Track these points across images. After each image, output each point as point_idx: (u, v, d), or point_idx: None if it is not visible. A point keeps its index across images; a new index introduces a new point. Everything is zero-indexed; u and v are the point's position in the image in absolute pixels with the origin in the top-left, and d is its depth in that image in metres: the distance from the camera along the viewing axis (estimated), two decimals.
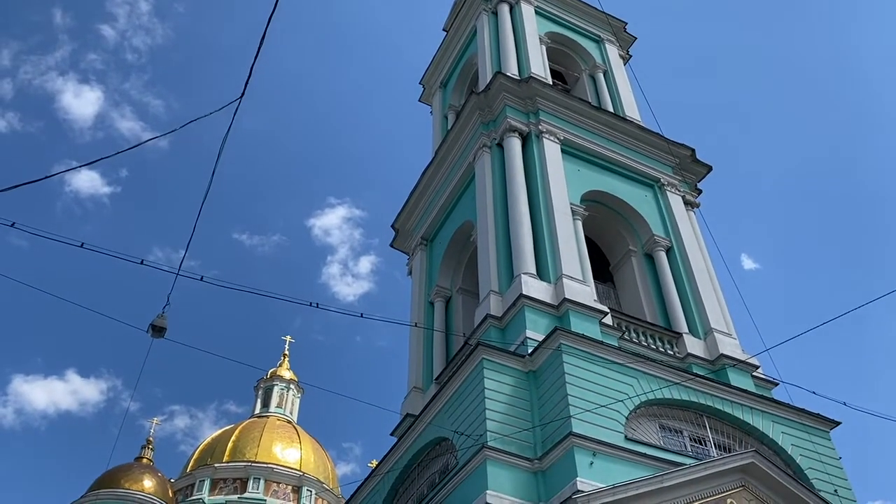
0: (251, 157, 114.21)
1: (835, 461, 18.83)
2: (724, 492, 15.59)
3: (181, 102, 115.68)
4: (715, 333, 21.01)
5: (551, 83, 27.67)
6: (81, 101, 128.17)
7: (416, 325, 24.77)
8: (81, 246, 11.44)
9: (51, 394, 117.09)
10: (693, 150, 26.93)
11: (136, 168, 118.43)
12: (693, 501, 15.05)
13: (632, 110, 28.65)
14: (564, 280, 19.82)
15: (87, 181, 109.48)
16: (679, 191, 25.87)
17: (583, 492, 13.86)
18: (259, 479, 47.47)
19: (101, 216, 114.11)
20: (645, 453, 16.10)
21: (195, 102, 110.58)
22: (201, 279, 13.09)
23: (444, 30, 36.39)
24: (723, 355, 20.35)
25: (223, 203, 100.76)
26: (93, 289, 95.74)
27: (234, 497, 46.31)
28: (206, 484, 47.45)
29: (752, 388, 19.83)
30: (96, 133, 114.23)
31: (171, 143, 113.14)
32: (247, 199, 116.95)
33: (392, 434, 22.58)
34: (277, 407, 56.07)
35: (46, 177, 11.11)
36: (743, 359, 20.53)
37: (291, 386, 57.81)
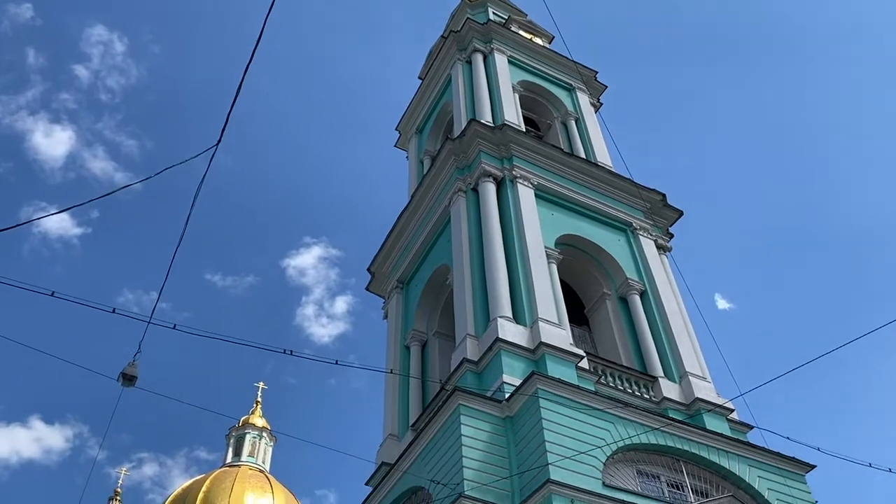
0: (225, 197, 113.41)
1: None
2: None
3: (155, 142, 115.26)
4: (690, 377, 21.11)
5: (524, 130, 28.16)
6: (52, 141, 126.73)
7: (391, 372, 24.57)
8: (52, 294, 11.27)
9: (13, 442, 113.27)
10: (664, 195, 27.41)
11: (108, 209, 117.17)
12: None
13: (603, 156, 29.18)
14: (540, 323, 19.87)
15: (56, 223, 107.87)
16: (651, 235, 26.23)
17: None
18: None
19: (70, 258, 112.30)
20: (623, 500, 15.96)
21: (169, 142, 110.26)
22: (174, 327, 12.90)
23: (419, 77, 36.98)
24: (698, 399, 20.41)
25: (196, 243, 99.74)
26: (62, 334, 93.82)
27: None
28: None
29: (728, 432, 19.87)
30: (67, 173, 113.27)
31: (144, 185, 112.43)
32: (220, 239, 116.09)
33: (367, 483, 22.19)
34: (249, 456, 54.87)
35: (16, 225, 10.95)
36: (718, 403, 20.60)
37: (264, 434, 56.72)
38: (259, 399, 59.81)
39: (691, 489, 17.71)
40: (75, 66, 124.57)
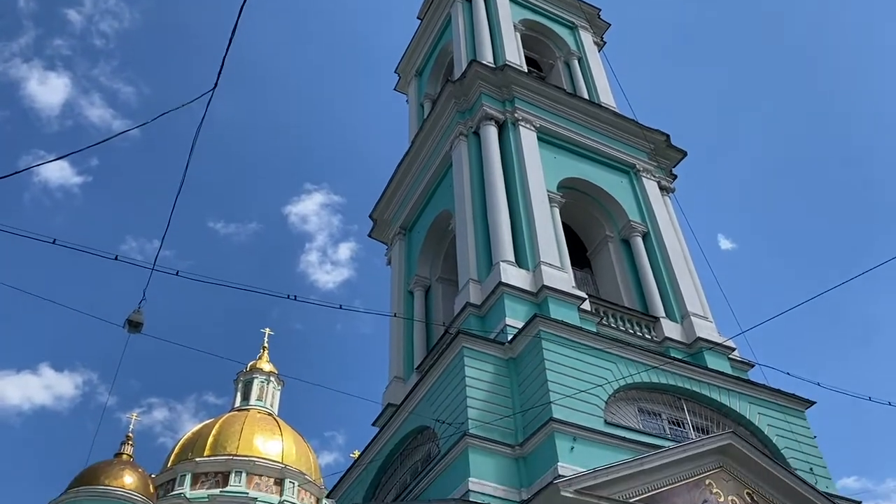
0: (225, 144, 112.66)
1: (810, 440, 19.19)
2: (702, 473, 15.83)
3: (152, 88, 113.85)
4: (691, 317, 21.28)
5: (526, 71, 27.70)
6: (48, 89, 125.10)
7: (395, 316, 24.79)
8: (54, 242, 11.29)
9: (24, 389, 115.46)
10: (668, 136, 27.13)
11: (107, 157, 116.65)
12: (672, 483, 15.26)
13: (606, 97, 28.79)
14: (543, 267, 19.93)
15: (56, 171, 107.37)
16: (654, 176, 26.07)
17: (563, 476, 14.00)
18: (241, 472, 47.29)
19: (71, 207, 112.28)
20: (624, 437, 16.30)
21: (166, 88, 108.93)
22: (177, 274, 12.97)
23: (418, 18, 36.24)
24: (699, 338, 20.61)
25: (197, 191, 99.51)
26: (65, 283, 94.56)
27: (216, 491, 46.10)
28: (188, 479, 47.18)
29: (729, 371, 20.13)
30: (64, 121, 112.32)
31: (142, 132, 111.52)
32: (221, 186, 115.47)
33: (374, 424, 22.64)
34: (258, 400, 55.81)
35: (15, 172, 10.89)
36: (719, 342, 20.81)
37: (271, 378, 57.58)
38: (266, 345, 60.53)
39: (692, 426, 18.04)
40: (67, 10, 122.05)
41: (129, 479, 42.77)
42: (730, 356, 20.91)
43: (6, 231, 10.81)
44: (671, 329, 20.94)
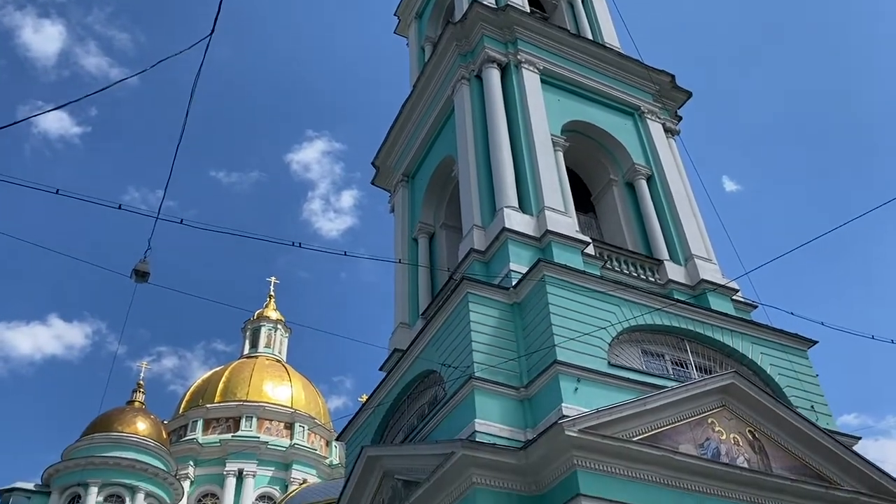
0: (224, 92, 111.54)
1: (812, 378, 19.44)
2: (705, 412, 16.09)
3: (148, 36, 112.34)
4: (695, 259, 21.31)
5: (529, 11, 27.11)
6: (43, 38, 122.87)
7: (399, 262, 24.87)
8: (57, 193, 11.27)
9: (35, 339, 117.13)
10: (673, 77, 26.71)
11: (106, 107, 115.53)
12: (675, 422, 15.53)
13: (611, 37, 28.24)
14: (546, 212, 19.90)
15: (55, 122, 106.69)
16: (659, 118, 25.77)
17: (568, 416, 14.25)
18: (252, 417, 48.30)
19: (72, 158, 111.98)
20: (628, 378, 16.53)
21: (163, 35, 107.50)
22: (181, 222, 12.97)
23: None
24: (703, 280, 20.69)
25: (198, 140, 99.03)
26: (70, 234, 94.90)
27: (228, 436, 47.17)
28: (199, 424, 48.22)
29: (732, 312, 20.26)
30: (61, 71, 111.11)
31: (140, 80, 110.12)
32: (222, 134, 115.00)
33: (381, 369, 22.95)
34: (266, 347, 56.59)
35: (14, 122, 10.81)
36: (723, 283, 20.89)
37: (278, 326, 58.25)
38: (272, 293, 61.09)
39: (695, 366, 18.27)
40: None
41: (141, 426, 43.72)
42: (733, 297, 21.02)
43: (9, 181, 10.79)
44: (675, 271, 21.01)
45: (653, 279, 20.81)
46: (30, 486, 41.60)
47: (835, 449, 16.71)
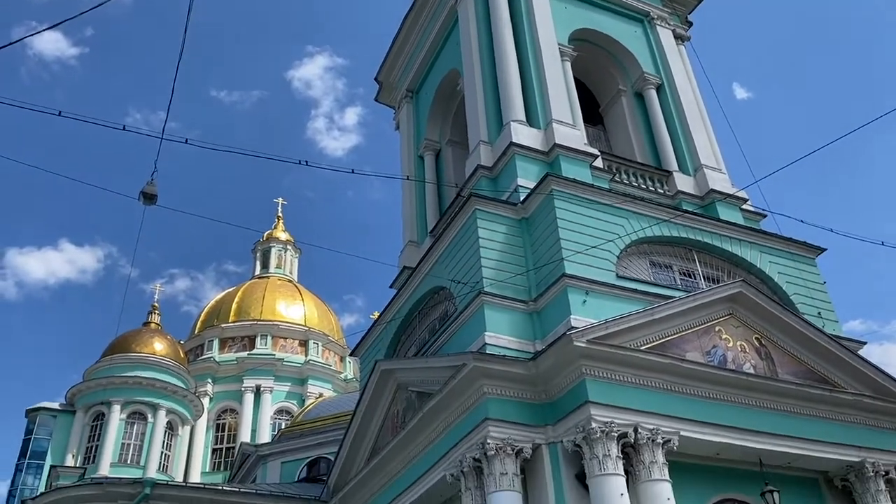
0: (221, 7, 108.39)
1: (819, 286, 19.57)
2: (712, 320, 16.31)
3: None
4: (705, 169, 21.11)
5: None
6: None
7: (407, 178, 24.75)
8: (59, 115, 11.12)
9: (48, 264, 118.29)
10: None
11: (102, 26, 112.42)
12: (682, 331, 15.77)
13: None
14: (554, 125, 19.61)
15: (50, 43, 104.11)
16: (669, 24, 25.01)
17: (576, 328, 14.47)
18: (266, 335, 49.28)
19: (71, 80, 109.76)
20: (636, 289, 16.68)
21: None
22: (186, 142, 12.87)
23: None
24: (712, 190, 20.56)
25: (197, 58, 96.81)
26: (73, 158, 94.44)
27: (244, 354, 48.30)
28: (215, 343, 49.31)
29: (741, 221, 20.22)
30: None
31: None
32: (221, 52, 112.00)
33: (391, 286, 23.21)
34: (277, 268, 57.15)
35: (9, 44, 10.56)
36: (731, 193, 20.77)
37: (288, 247, 58.65)
38: (280, 214, 61.21)
39: (703, 276, 18.39)
40: None
41: (159, 346, 44.71)
42: (742, 207, 20.94)
43: (10, 104, 10.64)
44: (684, 182, 20.86)
45: (661, 191, 20.69)
46: (55, 405, 43.07)
47: (840, 353, 16.99)
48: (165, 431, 42.48)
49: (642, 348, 14.94)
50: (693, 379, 15.05)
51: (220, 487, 22.20)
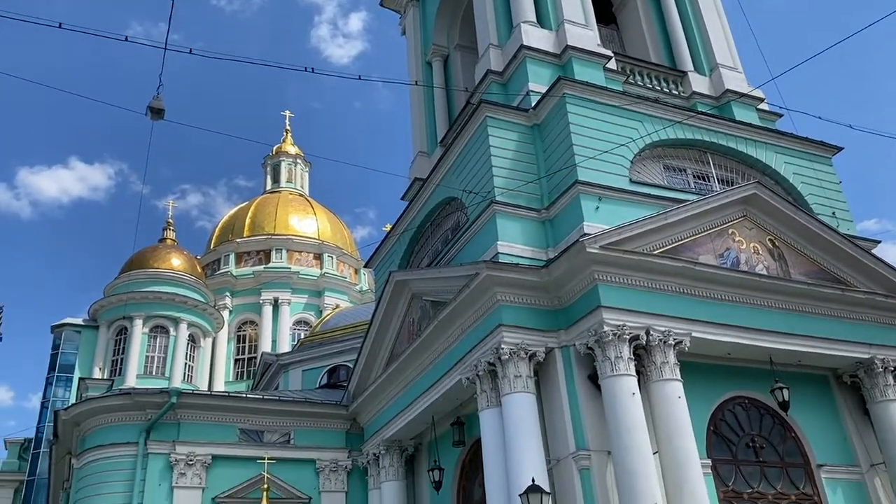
0: None
1: (835, 185, 19.36)
2: (725, 223, 16.25)
3: None
4: (720, 69, 20.56)
5: None
6: None
7: (416, 84, 24.27)
8: (59, 27, 10.86)
9: (59, 182, 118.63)
10: None
11: None
12: (695, 235, 15.74)
13: None
14: (566, 26, 19.01)
15: None
16: None
17: (589, 234, 14.48)
18: (281, 249, 49.76)
19: None
20: (649, 194, 16.56)
21: None
22: (189, 52, 12.58)
23: None
24: (728, 90, 20.09)
25: None
26: (75, 74, 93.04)
27: (260, 267, 48.95)
28: (231, 258, 49.91)
29: (757, 122, 19.85)
30: None
31: None
32: None
33: (403, 198, 23.19)
34: (288, 182, 57.06)
35: None
36: (747, 92, 20.27)
37: (298, 161, 58.35)
38: (288, 127, 60.58)
39: (717, 179, 18.20)
40: None
41: (176, 262, 45.36)
42: (758, 107, 20.50)
43: (8, 17, 10.39)
44: (699, 83, 20.36)
45: (676, 92, 20.23)
46: (78, 321, 44.22)
47: (853, 253, 16.98)
48: (188, 344, 43.65)
49: (655, 253, 14.98)
50: (705, 281, 15.14)
51: (245, 395, 22.96)
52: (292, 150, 58.90)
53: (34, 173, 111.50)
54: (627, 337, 13.86)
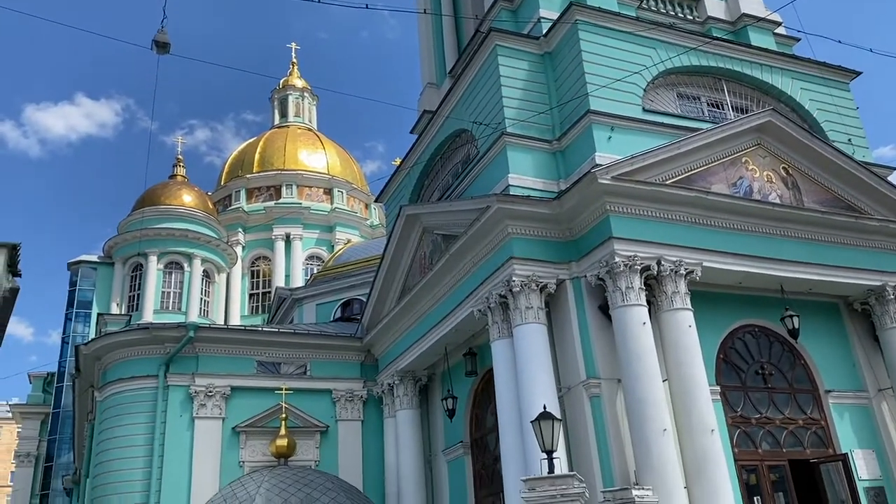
0: None
1: (851, 111, 19.01)
2: (739, 151, 16.06)
3: None
4: None
5: None
6: None
7: (424, 13, 23.71)
8: None
9: (67, 119, 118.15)
10: None
11: None
12: (708, 164, 15.58)
13: None
14: None
15: None
16: None
17: (600, 165, 14.36)
18: (291, 185, 49.65)
19: None
20: (662, 122, 16.34)
21: None
22: None
23: None
24: (744, 15, 19.54)
25: None
26: (76, 7, 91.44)
27: (272, 203, 48.97)
28: (242, 194, 49.90)
29: (773, 47, 19.37)
30: None
31: None
32: None
33: (412, 132, 22.97)
34: (296, 116, 56.43)
35: None
36: (764, 16, 19.70)
37: (305, 94, 57.58)
38: (294, 60, 59.54)
39: (731, 107, 17.90)
40: None
41: (188, 198, 45.45)
42: (775, 32, 19.95)
43: None
44: (714, 7, 19.79)
45: (691, 17, 19.70)
46: (94, 258, 44.69)
47: (868, 180, 16.79)
48: (202, 279, 44.17)
49: (667, 183, 14.87)
50: (718, 211, 15.06)
51: (261, 328, 23.34)
52: (299, 83, 58.06)
53: (40, 110, 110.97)
54: (639, 267, 13.90)
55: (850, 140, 18.19)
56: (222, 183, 52.11)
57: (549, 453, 11.02)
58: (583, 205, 14.64)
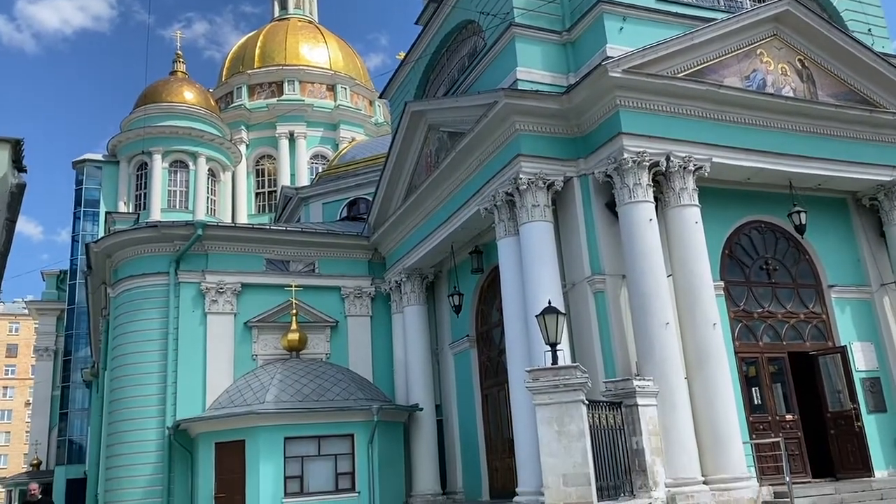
0: None
1: (873, 0, 18.26)
2: (753, 43, 15.56)
3: None
4: None
5: None
6: None
7: None
8: None
9: (59, 12, 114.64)
10: None
11: None
12: (722, 56, 15.14)
13: None
14: None
15: None
16: None
17: (612, 57, 13.95)
18: (294, 81, 48.58)
19: None
20: (676, 12, 15.76)
21: None
22: None
23: None
24: None
25: None
26: None
27: (274, 100, 48.08)
28: (244, 90, 48.92)
29: None
30: None
31: None
32: None
33: (416, 23, 22.23)
34: (296, 8, 54.52)
35: None
36: None
37: None
38: None
39: None
40: None
41: (189, 95, 44.66)
42: None
43: None
44: None
45: None
46: (98, 156, 44.44)
47: (886, 72, 16.32)
48: (208, 178, 44.04)
49: (680, 76, 14.49)
50: (729, 105, 14.75)
51: (269, 227, 23.48)
52: None
53: (32, 3, 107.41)
54: (647, 164, 13.77)
55: (870, 30, 17.56)
56: (223, 80, 51.07)
57: (553, 346, 11.27)
58: (592, 100, 14.34)
